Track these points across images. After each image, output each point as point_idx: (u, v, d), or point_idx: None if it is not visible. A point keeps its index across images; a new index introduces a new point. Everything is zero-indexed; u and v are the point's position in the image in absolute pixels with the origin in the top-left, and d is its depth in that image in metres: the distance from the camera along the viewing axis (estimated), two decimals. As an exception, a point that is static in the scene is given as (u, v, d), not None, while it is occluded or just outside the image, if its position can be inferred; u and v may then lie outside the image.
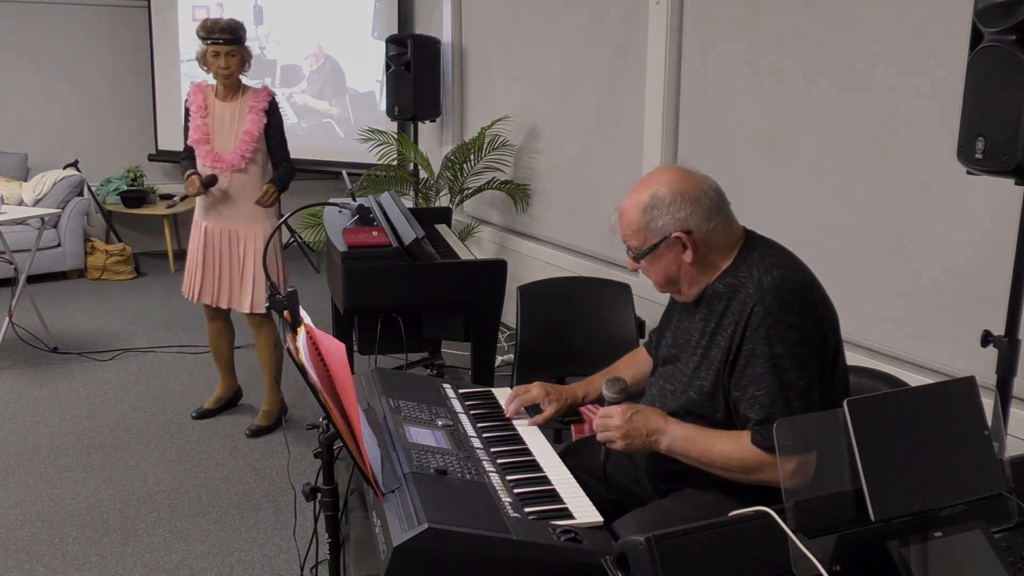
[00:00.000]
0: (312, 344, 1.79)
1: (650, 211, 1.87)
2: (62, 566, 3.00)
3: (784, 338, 1.77)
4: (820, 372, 1.81)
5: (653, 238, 1.88)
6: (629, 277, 3.80)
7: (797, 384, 1.77)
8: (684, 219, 1.85)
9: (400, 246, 3.21)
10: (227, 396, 4.28)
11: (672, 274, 1.92)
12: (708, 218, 1.86)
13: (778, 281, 1.81)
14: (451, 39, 6.07)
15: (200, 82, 3.95)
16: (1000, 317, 2.26)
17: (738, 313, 1.82)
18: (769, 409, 1.76)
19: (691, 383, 1.91)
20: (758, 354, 1.78)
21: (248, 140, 3.79)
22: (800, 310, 1.80)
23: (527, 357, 3.19)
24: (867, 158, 3.21)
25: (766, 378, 1.77)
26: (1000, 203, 2.62)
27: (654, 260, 1.91)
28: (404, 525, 1.56)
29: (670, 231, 1.86)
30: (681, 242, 1.86)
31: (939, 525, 1.28)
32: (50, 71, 7.15)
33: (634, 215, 1.90)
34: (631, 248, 1.95)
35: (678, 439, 1.85)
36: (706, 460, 1.83)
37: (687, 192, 1.86)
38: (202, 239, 3.92)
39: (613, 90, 4.52)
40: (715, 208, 1.87)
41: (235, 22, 3.82)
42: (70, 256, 6.71)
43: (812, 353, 1.79)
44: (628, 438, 1.86)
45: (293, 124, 7.00)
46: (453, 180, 5.47)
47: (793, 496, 1.27)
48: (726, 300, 1.86)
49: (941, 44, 2.87)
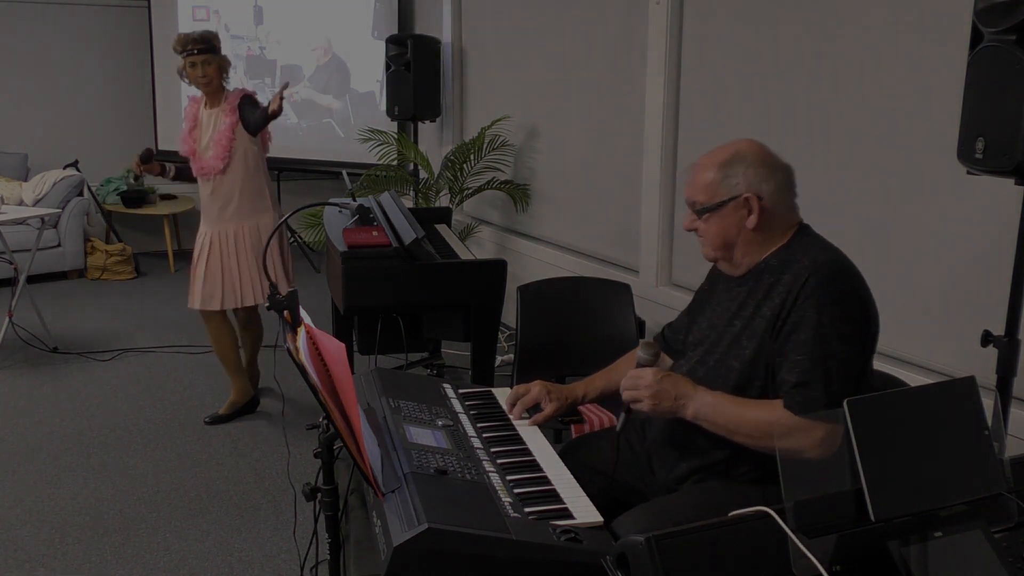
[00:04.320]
0: (312, 344, 1.79)
1: (729, 167, 1.91)
2: (62, 566, 3.00)
3: (833, 311, 1.81)
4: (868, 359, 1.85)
5: (724, 194, 1.91)
6: (629, 277, 3.80)
7: (839, 355, 1.80)
8: (759, 184, 1.90)
9: (400, 246, 3.21)
10: (243, 401, 4.20)
11: (730, 237, 1.94)
12: (778, 191, 1.92)
13: (833, 261, 1.88)
14: (451, 39, 6.07)
15: (196, 96, 4.01)
16: (1000, 317, 2.26)
17: (790, 284, 1.86)
18: (808, 374, 1.80)
19: (730, 351, 1.93)
20: (806, 321, 1.82)
21: (221, 141, 3.84)
22: (851, 291, 1.85)
23: (527, 357, 3.19)
24: (867, 158, 3.21)
25: (810, 345, 1.81)
26: (1000, 203, 2.62)
27: (717, 219, 1.93)
28: (404, 525, 1.56)
29: (742, 191, 1.90)
30: (749, 205, 1.90)
31: (939, 525, 1.28)
32: (50, 71, 7.16)
33: (711, 169, 1.93)
34: (696, 203, 1.96)
35: (706, 404, 1.87)
36: (733, 426, 1.85)
37: (768, 161, 1.92)
38: (203, 245, 3.98)
39: (613, 90, 4.52)
40: (785, 186, 1.93)
41: (208, 32, 3.90)
42: (70, 256, 6.71)
43: (856, 333, 1.83)
44: (656, 398, 1.88)
45: (293, 124, 7.00)
46: (453, 180, 5.47)
47: (793, 496, 1.27)
48: (777, 274, 1.90)
49: (941, 44, 2.87)
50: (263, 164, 4.00)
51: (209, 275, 3.95)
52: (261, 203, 3.97)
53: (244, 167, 3.90)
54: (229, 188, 3.89)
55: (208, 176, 3.89)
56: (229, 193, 3.89)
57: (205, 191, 3.95)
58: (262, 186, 3.98)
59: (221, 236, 3.92)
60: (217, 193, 3.90)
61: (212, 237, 3.94)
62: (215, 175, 3.88)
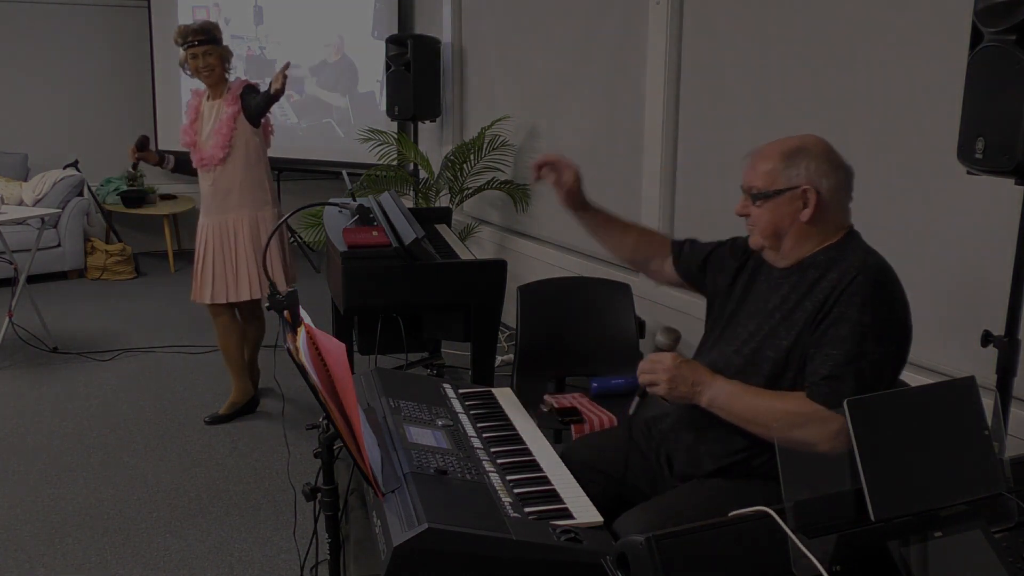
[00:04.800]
0: (312, 344, 1.79)
1: (793, 156, 1.91)
2: (62, 566, 3.00)
3: (877, 311, 1.82)
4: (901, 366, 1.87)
5: (783, 183, 1.92)
6: (629, 277, 3.80)
7: (873, 356, 1.81)
8: (819, 178, 1.90)
9: (400, 246, 3.21)
10: (243, 401, 4.20)
11: (782, 227, 1.95)
12: (837, 190, 1.92)
13: (882, 265, 1.90)
14: (451, 39, 6.07)
15: (200, 89, 4.00)
16: (1000, 317, 2.26)
17: (836, 281, 1.87)
18: (840, 368, 1.81)
19: (767, 342, 1.93)
20: (847, 317, 1.83)
21: (222, 130, 3.82)
22: (895, 296, 1.87)
23: (527, 357, 3.19)
24: (867, 158, 3.20)
25: (848, 341, 1.82)
26: (1000, 203, 2.62)
27: (772, 207, 1.94)
28: (404, 525, 1.56)
29: (802, 182, 1.90)
30: (806, 197, 1.90)
31: (939, 525, 1.28)
32: (50, 71, 7.15)
33: (774, 156, 1.93)
34: (753, 188, 1.96)
35: (722, 392, 1.89)
36: (750, 414, 1.86)
37: (831, 158, 1.93)
38: (201, 238, 3.96)
39: (613, 90, 4.52)
40: (844, 186, 1.94)
41: (208, 23, 3.88)
42: (70, 256, 6.70)
43: (894, 339, 1.85)
44: (673, 383, 1.89)
45: (293, 124, 7.00)
46: (453, 180, 5.47)
47: (793, 496, 1.27)
48: (823, 270, 1.91)
49: (941, 44, 2.87)
50: (264, 157, 3.97)
51: (205, 268, 3.94)
52: (261, 196, 3.94)
53: (245, 158, 3.87)
54: (229, 179, 3.86)
55: (208, 167, 3.87)
56: (229, 184, 3.87)
57: (205, 183, 3.94)
58: (262, 179, 3.95)
59: (219, 228, 3.90)
60: (217, 184, 3.88)
61: (211, 229, 3.92)
62: (215, 165, 3.86)
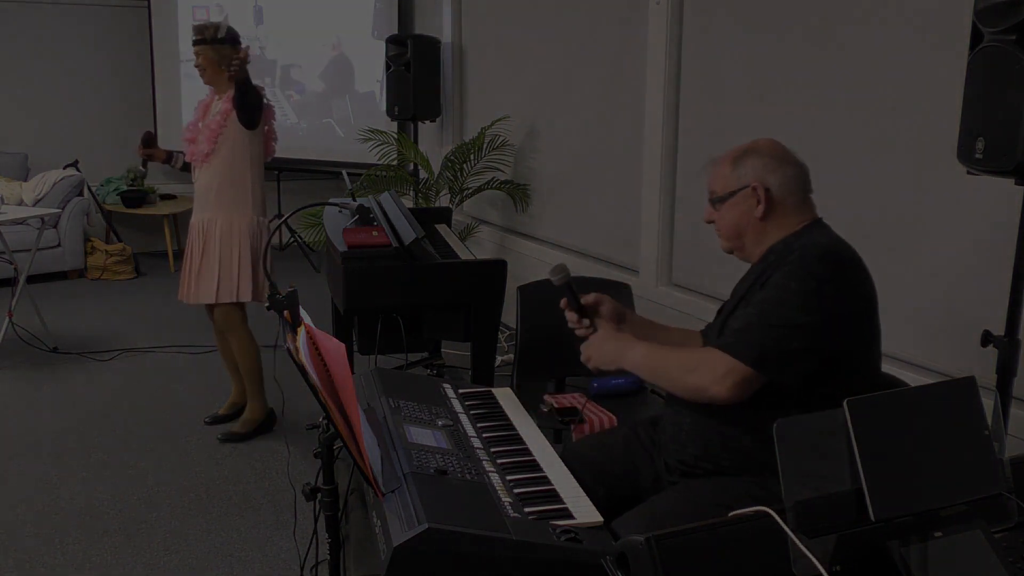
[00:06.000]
0: (312, 344, 1.79)
1: (741, 158, 2.02)
2: (62, 566, 3.00)
3: (805, 281, 1.85)
4: (817, 348, 1.84)
5: (734, 184, 2.01)
6: (629, 277, 3.80)
7: (792, 320, 1.83)
8: (765, 174, 1.99)
9: (400, 246, 3.21)
10: (241, 401, 4.17)
11: (743, 227, 2.03)
12: (786, 185, 2.00)
13: (832, 246, 1.93)
14: (451, 39, 6.07)
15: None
16: (1000, 317, 2.26)
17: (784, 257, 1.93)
18: (750, 323, 1.87)
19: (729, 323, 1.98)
20: (772, 282, 1.89)
21: (211, 126, 3.80)
22: (832, 273, 1.87)
23: (527, 357, 3.19)
24: (867, 158, 3.21)
25: (767, 302, 1.88)
26: (1000, 203, 2.62)
27: (729, 208, 2.03)
28: (404, 525, 1.56)
29: (750, 180, 1.99)
30: (756, 195, 1.98)
31: (939, 525, 1.28)
32: (50, 71, 7.15)
33: (727, 161, 2.05)
34: (712, 194, 2.07)
35: (638, 354, 2.00)
36: (661, 369, 1.97)
37: (778, 155, 2.02)
38: (189, 237, 3.93)
39: (613, 90, 4.52)
40: (796, 181, 2.01)
41: (204, 24, 3.85)
42: (70, 256, 6.70)
43: (824, 310, 1.84)
44: (599, 354, 2.07)
45: (293, 124, 7.01)
46: (453, 180, 5.47)
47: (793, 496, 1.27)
48: (781, 254, 1.97)
49: (941, 44, 2.87)
50: (255, 163, 3.87)
51: (183, 265, 3.93)
52: (241, 199, 3.83)
53: (229, 157, 3.81)
54: (210, 177, 3.82)
55: (196, 162, 3.86)
56: (209, 182, 3.83)
57: (195, 180, 3.92)
58: (245, 183, 3.83)
59: (197, 226, 3.87)
60: (200, 182, 3.86)
61: (193, 227, 3.89)
62: (201, 162, 3.83)
